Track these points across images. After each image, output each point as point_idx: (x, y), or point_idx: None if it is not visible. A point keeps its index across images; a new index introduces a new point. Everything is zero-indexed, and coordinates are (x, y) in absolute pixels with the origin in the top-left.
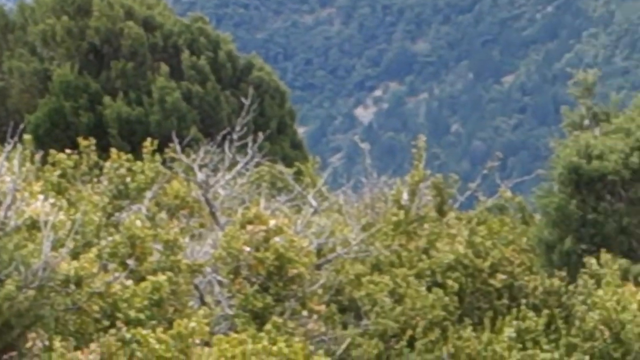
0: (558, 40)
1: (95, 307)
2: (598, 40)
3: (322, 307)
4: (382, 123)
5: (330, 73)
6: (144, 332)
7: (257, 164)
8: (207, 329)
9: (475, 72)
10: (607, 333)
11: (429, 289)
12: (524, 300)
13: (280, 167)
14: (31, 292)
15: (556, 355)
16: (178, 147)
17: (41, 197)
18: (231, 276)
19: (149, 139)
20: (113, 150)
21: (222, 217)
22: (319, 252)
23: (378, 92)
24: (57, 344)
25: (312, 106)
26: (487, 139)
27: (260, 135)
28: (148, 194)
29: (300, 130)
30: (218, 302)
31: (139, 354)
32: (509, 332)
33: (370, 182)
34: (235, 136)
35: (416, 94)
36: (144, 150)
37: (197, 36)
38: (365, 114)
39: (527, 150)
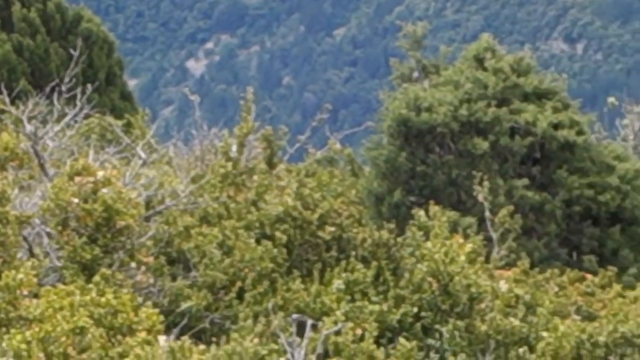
0: None
1: None
2: None
3: (151, 259)
4: (213, 75)
5: (162, 25)
6: None
7: (87, 116)
8: (35, 280)
9: (306, 24)
10: (435, 285)
11: (257, 241)
12: (352, 252)
13: (109, 119)
14: None
15: (384, 307)
16: (7, 99)
17: None
18: (59, 228)
19: None
20: None
21: (51, 168)
22: (148, 204)
23: (210, 45)
24: None
25: (144, 59)
26: (318, 92)
27: (89, 86)
28: None
29: (132, 83)
30: (46, 254)
31: None
32: (337, 284)
33: (200, 134)
34: (64, 88)
35: (248, 47)
36: None
37: None
38: (197, 67)
39: (358, 102)
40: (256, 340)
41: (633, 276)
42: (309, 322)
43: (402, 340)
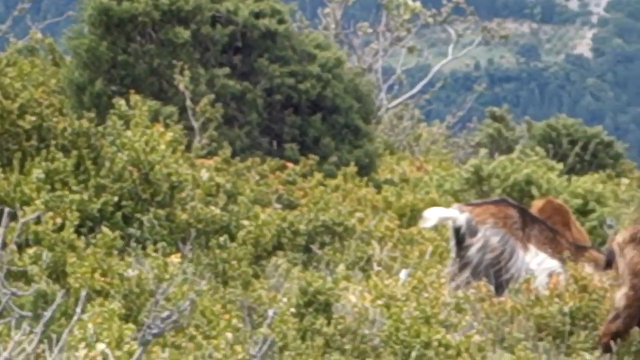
0: None
1: None
2: None
3: None
4: None
5: None
6: None
7: None
8: None
9: None
10: (136, 174)
11: None
12: (53, 142)
13: None
14: None
15: (85, 196)
16: None
17: None
18: None
19: None
20: None
21: None
22: None
23: None
24: None
25: None
26: None
27: None
28: None
29: None
30: None
31: None
32: (37, 173)
33: None
34: None
35: None
36: None
37: None
38: None
39: None
40: None
41: (333, 164)
42: (7, 210)
43: (103, 229)
